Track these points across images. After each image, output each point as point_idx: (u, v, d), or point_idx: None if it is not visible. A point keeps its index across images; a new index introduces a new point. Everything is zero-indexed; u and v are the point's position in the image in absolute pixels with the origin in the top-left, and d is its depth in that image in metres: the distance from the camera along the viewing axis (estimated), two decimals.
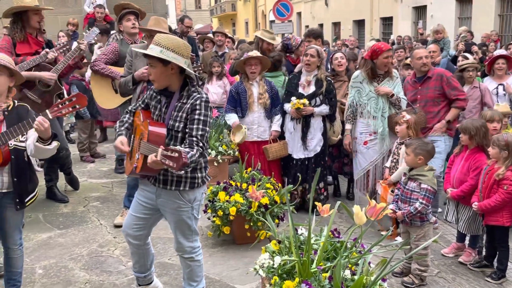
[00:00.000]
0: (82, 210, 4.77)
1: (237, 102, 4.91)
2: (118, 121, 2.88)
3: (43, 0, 8.76)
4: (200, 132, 2.59)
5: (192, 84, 2.70)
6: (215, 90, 6.11)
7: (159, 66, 2.60)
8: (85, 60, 5.70)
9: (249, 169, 4.37)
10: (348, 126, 4.70)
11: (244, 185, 4.04)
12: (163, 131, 2.61)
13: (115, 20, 5.55)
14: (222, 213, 3.82)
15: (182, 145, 2.59)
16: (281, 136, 4.96)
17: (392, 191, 3.87)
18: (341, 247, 2.58)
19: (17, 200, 2.79)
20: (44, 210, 4.68)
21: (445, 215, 4.00)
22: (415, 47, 6.03)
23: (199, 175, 2.73)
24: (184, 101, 2.66)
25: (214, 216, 3.93)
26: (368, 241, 3.33)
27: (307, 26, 27.60)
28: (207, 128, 2.64)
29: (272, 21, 30.55)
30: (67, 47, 4.49)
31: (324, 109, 4.69)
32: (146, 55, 2.64)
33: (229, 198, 3.90)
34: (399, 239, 3.79)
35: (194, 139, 2.58)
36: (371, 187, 4.73)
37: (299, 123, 4.74)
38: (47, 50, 4.37)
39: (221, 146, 5.34)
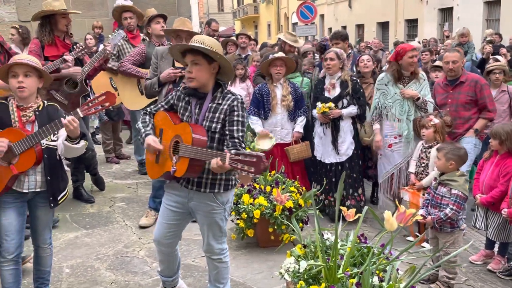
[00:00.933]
0: (107, 210, 4.83)
1: (260, 103, 4.90)
2: (140, 122, 2.82)
3: (70, 4, 8.94)
4: (240, 133, 2.61)
5: (225, 86, 2.71)
6: (238, 92, 6.08)
7: (204, 64, 2.60)
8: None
9: (273, 171, 4.36)
10: (376, 126, 4.63)
11: (268, 188, 4.03)
12: (205, 134, 2.60)
13: (144, 23, 5.63)
14: (246, 216, 3.82)
15: (224, 147, 2.59)
16: (304, 138, 4.94)
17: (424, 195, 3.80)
18: (368, 253, 2.54)
19: (51, 198, 2.84)
20: (71, 210, 4.76)
21: (474, 222, 3.91)
22: (444, 50, 5.93)
23: (233, 177, 2.75)
24: (220, 102, 2.65)
25: (238, 219, 3.93)
26: (394, 246, 3.27)
27: (330, 29, 27.52)
28: (245, 129, 2.66)
29: (294, 24, 30.54)
30: (86, 49, 4.54)
31: (353, 109, 4.64)
32: (190, 52, 2.60)
33: (253, 201, 3.89)
34: (426, 245, 3.73)
35: (237, 140, 2.58)
36: (394, 191, 4.66)
37: (328, 128, 4.69)
38: (67, 54, 4.43)
39: (245, 148, 5.33)
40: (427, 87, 4.61)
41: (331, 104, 4.57)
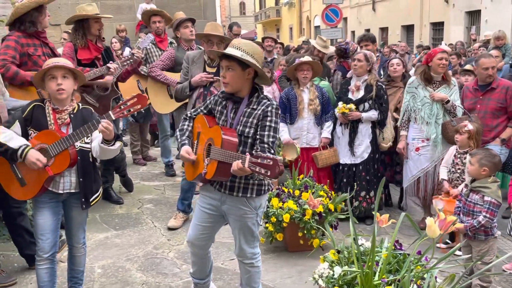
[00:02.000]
0: (136, 212, 4.89)
1: (287, 108, 4.90)
2: (178, 130, 2.89)
3: (99, 8, 9.10)
4: (271, 139, 2.59)
5: (261, 91, 2.71)
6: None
7: (238, 70, 2.61)
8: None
9: (301, 176, 4.34)
10: (403, 133, 4.60)
11: (297, 192, 4.02)
12: (236, 137, 2.62)
13: (172, 27, 5.69)
14: (275, 219, 3.81)
15: (253, 151, 2.59)
16: (331, 143, 4.92)
17: None
18: (404, 260, 2.50)
19: (83, 199, 2.89)
20: (100, 210, 4.83)
21: (509, 230, 3.82)
22: (480, 54, 5.82)
23: (266, 182, 2.74)
24: (254, 107, 2.66)
25: (266, 222, 3.93)
26: (427, 254, 3.22)
27: (353, 32, 27.35)
28: (277, 135, 2.64)
29: (317, 27, 30.43)
30: (131, 60, 4.60)
31: (373, 114, 4.61)
32: (225, 57, 2.62)
33: (282, 204, 3.89)
34: (458, 253, 3.66)
35: (266, 145, 2.57)
36: (421, 196, 4.60)
37: (346, 128, 4.70)
38: (111, 63, 4.49)
39: (274, 154, 5.34)
40: (457, 93, 4.54)
41: (352, 106, 4.56)
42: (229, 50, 2.59)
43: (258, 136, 2.62)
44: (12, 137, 2.70)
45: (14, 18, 3.82)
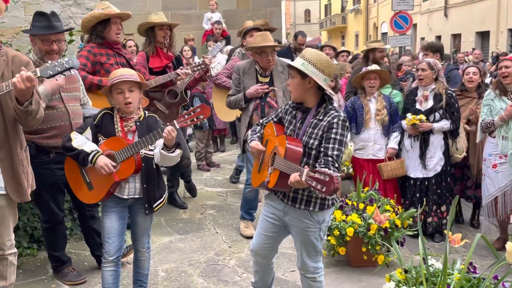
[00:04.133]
0: (199, 217, 4.97)
1: (352, 118, 4.78)
2: (250, 130, 2.94)
3: (169, 18, 9.45)
4: (336, 152, 2.52)
5: (330, 102, 2.66)
6: None
7: (298, 78, 2.61)
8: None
9: (366, 188, 4.21)
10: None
11: (361, 205, 3.89)
12: (300, 148, 2.58)
13: (240, 36, 5.76)
14: (338, 232, 3.71)
15: (317, 164, 2.54)
16: (398, 154, 4.73)
17: None
18: (478, 284, 2.33)
19: (146, 205, 2.96)
20: (165, 214, 4.97)
21: None
22: None
23: (330, 196, 2.67)
24: (321, 118, 2.62)
25: (329, 235, 3.83)
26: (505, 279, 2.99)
27: (422, 38, 26.34)
28: (343, 148, 2.56)
29: (384, 33, 29.69)
30: (201, 66, 4.68)
31: (445, 124, 4.38)
32: (289, 65, 2.66)
33: (346, 217, 3.78)
34: None
35: (330, 159, 2.50)
36: (500, 216, 4.28)
37: (417, 141, 4.48)
38: (182, 68, 4.60)
39: (339, 168, 5.23)
40: None
41: (422, 117, 4.36)
42: (296, 60, 2.60)
43: (322, 149, 2.56)
44: (85, 142, 2.84)
45: (85, 31, 4.08)
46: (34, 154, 3.21)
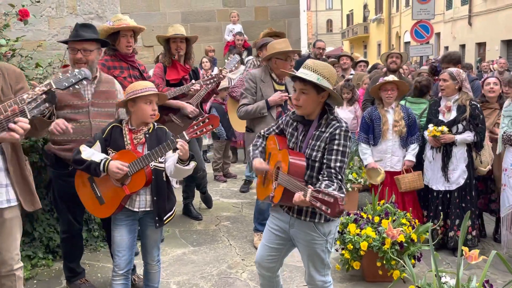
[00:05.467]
0: (213, 229, 4.95)
1: (370, 129, 4.70)
2: (251, 145, 2.89)
3: (189, 29, 9.56)
4: (338, 164, 2.47)
5: (331, 112, 2.61)
6: (346, 115, 5.98)
7: (313, 94, 2.53)
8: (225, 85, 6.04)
9: (382, 201, 4.11)
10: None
11: (377, 219, 3.80)
12: (303, 162, 2.54)
13: (256, 46, 5.76)
14: (352, 246, 3.63)
15: (320, 176, 2.50)
16: (415, 166, 4.62)
17: None
18: None
19: (156, 218, 2.95)
20: (180, 226, 4.96)
21: None
22: None
23: (335, 218, 2.61)
24: (323, 129, 2.56)
25: (343, 249, 3.76)
26: None
27: (446, 47, 25.97)
28: (346, 159, 2.50)
29: (407, 43, 29.34)
30: (215, 79, 4.69)
31: (468, 136, 4.25)
32: (299, 79, 2.54)
33: (360, 231, 3.70)
34: None
35: (333, 171, 2.45)
36: None
37: (439, 152, 4.37)
38: (194, 82, 4.61)
39: (351, 174, 5.16)
40: None
41: (444, 128, 4.24)
42: (304, 72, 2.52)
43: (325, 161, 2.51)
44: (94, 153, 2.85)
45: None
46: (52, 164, 3.26)
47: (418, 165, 4.65)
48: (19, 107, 2.30)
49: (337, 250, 3.89)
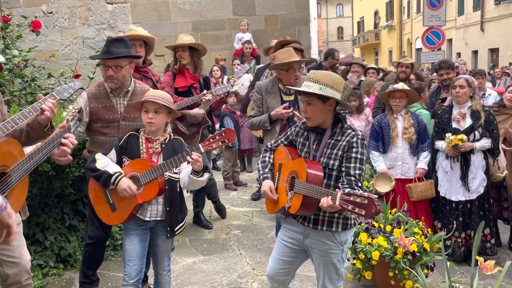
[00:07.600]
0: (224, 237, 4.93)
1: (379, 136, 4.66)
2: (259, 161, 2.87)
3: (199, 38, 9.62)
4: (358, 171, 2.47)
5: (345, 120, 2.60)
6: (358, 123, 5.94)
7: (318, 104, 2.54)
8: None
9: (394, 209, 4.06)
10: None
11: (388, 228, 3.75)
12: (321, 171, 2.53)
13: (266, 55, 5.76)
14: (363, 256, 3.59)
15: (340, 184, 2.49)
16: (427, 175, 4.57)
17: None
18: None
19: (168, 228, 2.94)
20: (190, 235, 4.95)
21: None
22: None
23: (352, 216, 2.60)
24: (338, 138, 2.56)
25: (354, 259, 3.71)
26: None
27: (458, 53, 25.81)
28: (363, 167, 2.52)
29: (418, 49, 29.19)
30: (227, 89, 4.69)
31: (486, 143, 4.20)
32: (303, 93, 2.56)
33: (371, 240, 3.65)
34: None
35: (353, 178, 2.45)
36: None
37: (456, 161, 4.29)
38: (205, 92, 4.63)
39: (363, 182, 5.11)
40: None
41: (463, 136, 4.18)
42: (307, 85, 2.53)
43: (343, 169, 2.50)
44: (109, 164, 2.86)
45: None
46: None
47: (427, 173, 4.59)
48: (66, 124, 2.42)
49: (348, 260, 3.84)
